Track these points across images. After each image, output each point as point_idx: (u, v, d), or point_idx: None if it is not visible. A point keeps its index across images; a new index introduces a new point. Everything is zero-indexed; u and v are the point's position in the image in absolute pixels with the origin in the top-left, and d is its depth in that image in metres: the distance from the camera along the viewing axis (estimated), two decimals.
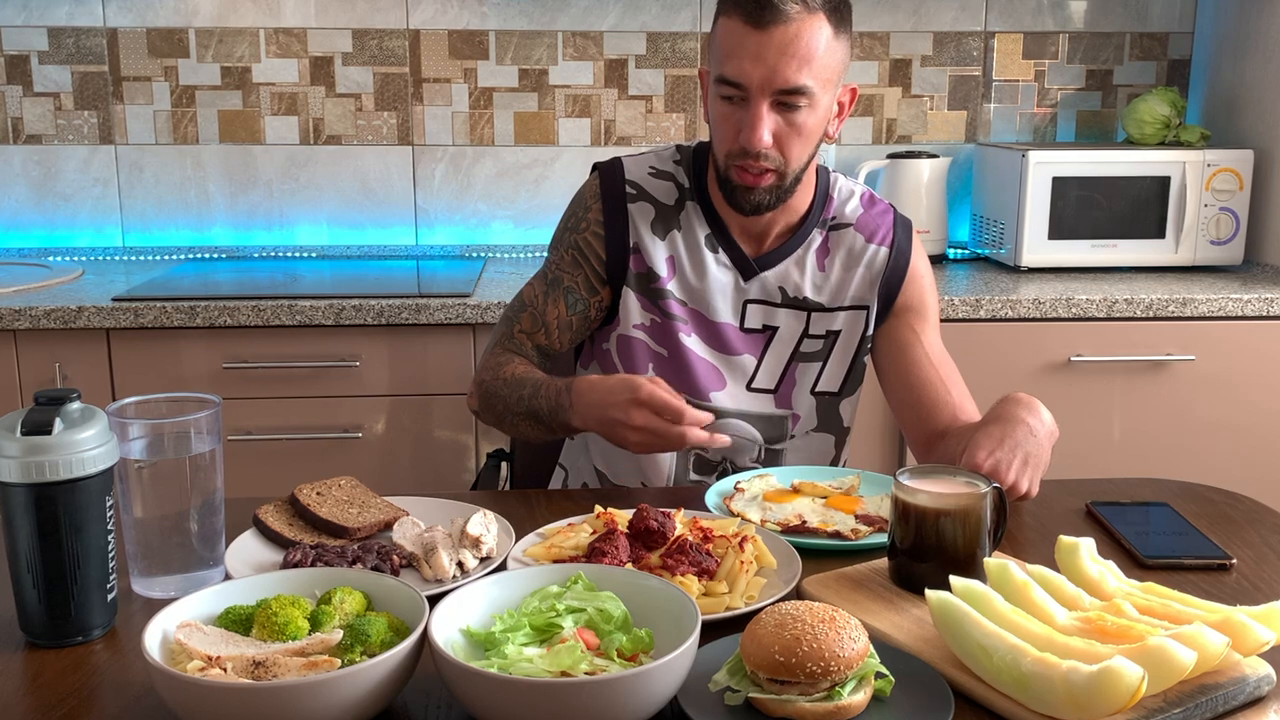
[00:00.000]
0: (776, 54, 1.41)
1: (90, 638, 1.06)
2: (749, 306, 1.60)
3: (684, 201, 1.60)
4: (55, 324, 2.25)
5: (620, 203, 1.59)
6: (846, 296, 1.61)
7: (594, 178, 1.64)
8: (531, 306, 1.63)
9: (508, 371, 1.56)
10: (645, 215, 1.59)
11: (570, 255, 1.62)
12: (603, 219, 1.59)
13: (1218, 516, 1.36)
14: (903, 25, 2.89)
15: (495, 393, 1.55)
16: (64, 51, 2.76)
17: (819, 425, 1.66)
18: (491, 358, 1.61)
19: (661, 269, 1.58)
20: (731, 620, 1.05)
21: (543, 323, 1.62)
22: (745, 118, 1.45)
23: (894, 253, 1.62)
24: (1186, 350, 2.43)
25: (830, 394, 1.65)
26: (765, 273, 1.59)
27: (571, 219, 1.64)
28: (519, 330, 1.63)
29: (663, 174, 1.62)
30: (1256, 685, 0.94)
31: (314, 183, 2.86)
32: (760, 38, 1.41)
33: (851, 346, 1.63)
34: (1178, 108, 2.77)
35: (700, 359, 1.60)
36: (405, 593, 0.99)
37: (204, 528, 1.14)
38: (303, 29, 2.79)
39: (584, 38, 2.84)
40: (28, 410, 1.02)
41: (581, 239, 1.61)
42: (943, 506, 1.10)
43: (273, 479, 2.29)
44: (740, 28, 1.42)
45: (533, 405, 1.49)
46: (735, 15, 1.43)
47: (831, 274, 1.61)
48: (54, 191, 2.82)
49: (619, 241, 1.59)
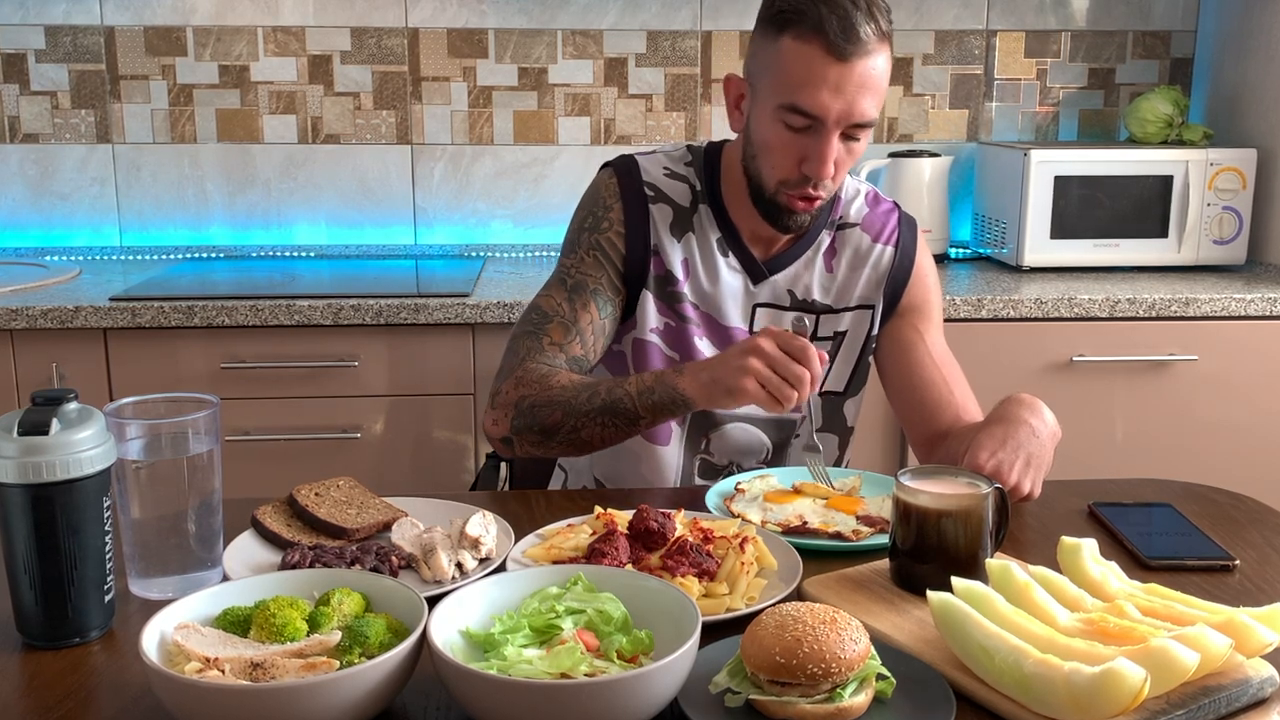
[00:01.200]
0: (856, 87, 1.38)
1: (88, 639, 1.06)
2: (758, 310, 1.59)
3: (697, 204, 1.58)
4: (52, 324, 2.25)
5: (642, 202, 1.56)
6: (853, 297, 1.61)
7: (609, 176, 1.60)
8: (558, 316, 1.53)
9: (562, 379, 1.46)
10: (665, 217, 1.57)
11: (592, 256, 1.56)
12: (624, 218, 1.56)
13: (1220, 517, 1.36)
14: (904, 23, 2.89)
15: (550, 401, 1.44)
16: (61, 50, 2.76)
17: (823, 425, 1.66)
18: (525, 373, 1.48)
19: (679, 271, 1.57)
20: (732, 621, 1.05)
21: (576, 330, 1.53)
22: (813, 148, 1.42)
23: (899, 252, 1.62)
24: (1189, 350, 2.43)
25: (835, 393, 1.65)
26: (775, 276, 1.59)
27: (589, 219, 1.58)
28: (550, 344, 1.52)
29: (677, 175, 1.59)
30: (1260, 687, 0.94)
31: (312, 182, 2.86)
32: (842, 69, 1.37)
33: (857, 346, 1.63)
34: (1180, 106, 2.77)
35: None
36: (404, 594, 0.98)
37: (202, 528, 1.14)
38: (301, 28, 2.79)
39: (584, 36, 2.84)
40: (25, 410, 1.02)
41: (604, 239, 1.56)
42: (944, 507, 1.10)
43: (271, 479, 2.29)
44: (820, 57, 1.37)
45: (612, 398, 1.42)
46: (815, 42, 1.37)
47: (838, 274, 1.61)
48: (51, 191, 2.82)
49: (641, 242, 1.56)
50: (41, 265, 2.68)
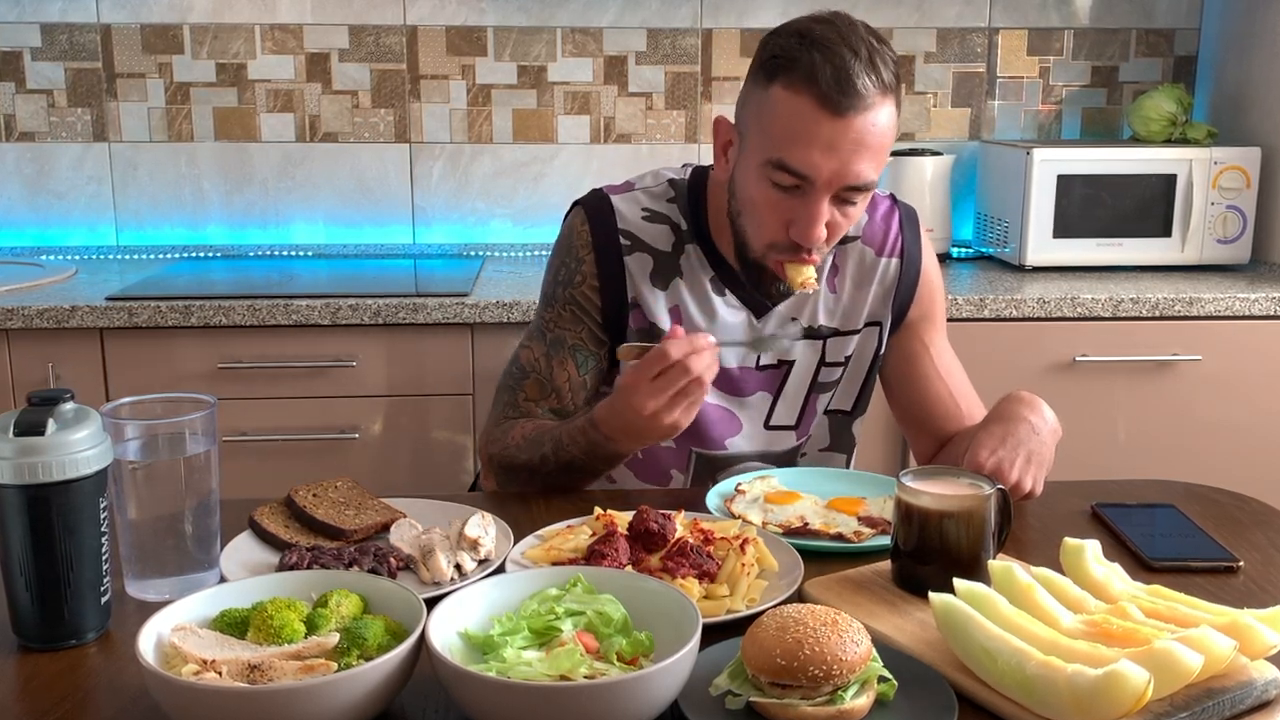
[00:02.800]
0: (851, 147, 1.28)
1: (84, 640, 1.05)
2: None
3: (683, 245, 1.49)
4: (48, 324, 2.25)
5: (616, 253, 1.48)
6: (861, 317, 1.55)
7: (580, 222, 1.51)
8: (535, 372, 1.51)
9: (515, 437, 1.46)
10: (644, 267, 1.48)
11: (569, 311, 1.51)
12: (598, 271, 1.48)
13: (1224, 518, 1.36)
14: (906, 21, 2.89)
15: (513, 463, 1.45)
16: (57, 48, 2.76)
17: (830, 444, 1.63)
18: (496, 430, 1.50)
19: (664, 321, 1.48)
20: (732, 623, 1.05)
21: (552, 388, 1.51)
22: (801, 211, 1.32)
23: (904, 262, 1.55)
24: (1192, 350, 2.43)
25: (844, 412, 1.61)
26: (779, 306, 1.51)
27: (562, 270, 1.52)
28: (524, 399, 1.51)
29: (657, 216, 1.50)
30: (1264, 689, 0.94)
31: (310, 181, 2.86)
32: (836, 126, 1.27)
33: (864, 365, 1.58)
34: (1184, 105, 2.77)
35: (713, 407, 1.53)
36: (402, 595, 0.98)
37: (199, 529, 1.14)
38: (299, 25, 2.79)
39: (583, 34, 2.84)
40: (21, 411, 1.02)
41: (579, 293, 1.50)
42: (946, 508, 1.10)
43: (269, 480, 2.29)
44: (813, 112, 1.27)
45: (562, 458, 1.40)
46: (807, 95, 1.27)
47: (843, 294, 1.54)
48: (47, 190, 2.82)
49: (618, 296, 1.48)
50: (37, 265, 2.68)
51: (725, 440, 1.55)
